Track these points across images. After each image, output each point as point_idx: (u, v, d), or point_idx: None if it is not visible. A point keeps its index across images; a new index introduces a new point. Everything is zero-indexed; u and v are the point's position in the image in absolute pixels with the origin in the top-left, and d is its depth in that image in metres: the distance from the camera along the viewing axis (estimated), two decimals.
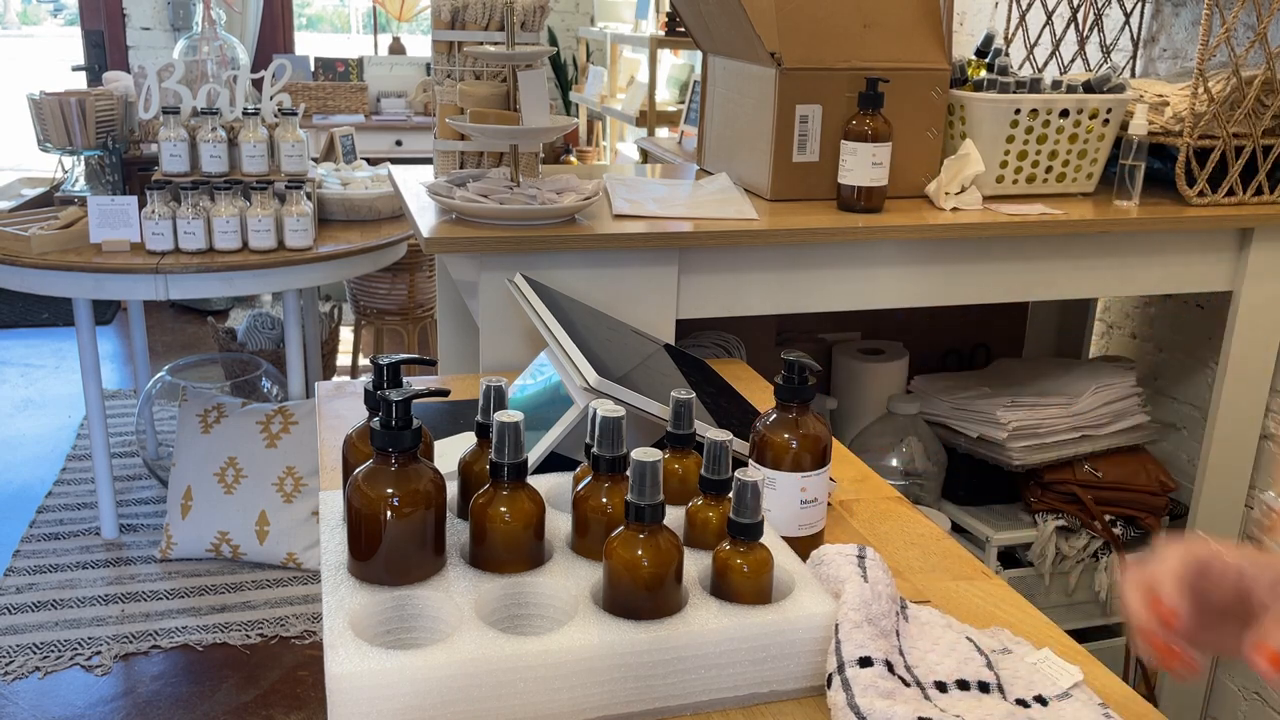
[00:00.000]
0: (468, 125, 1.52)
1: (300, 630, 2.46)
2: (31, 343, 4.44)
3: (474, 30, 1.70)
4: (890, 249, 1.62)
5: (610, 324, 1.33)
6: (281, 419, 2.69)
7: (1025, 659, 0.80)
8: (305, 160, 2.66)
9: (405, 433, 0.73)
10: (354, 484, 0.74)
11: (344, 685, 0.65)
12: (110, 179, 3.20)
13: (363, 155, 3.57)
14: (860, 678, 0.71)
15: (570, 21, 5.81)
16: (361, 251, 2.68)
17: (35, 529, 2.88)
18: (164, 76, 2.68)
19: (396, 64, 5.74)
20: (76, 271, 2.45)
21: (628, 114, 4.36)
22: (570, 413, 1.00)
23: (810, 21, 1.68)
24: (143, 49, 5.28)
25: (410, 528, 0.74)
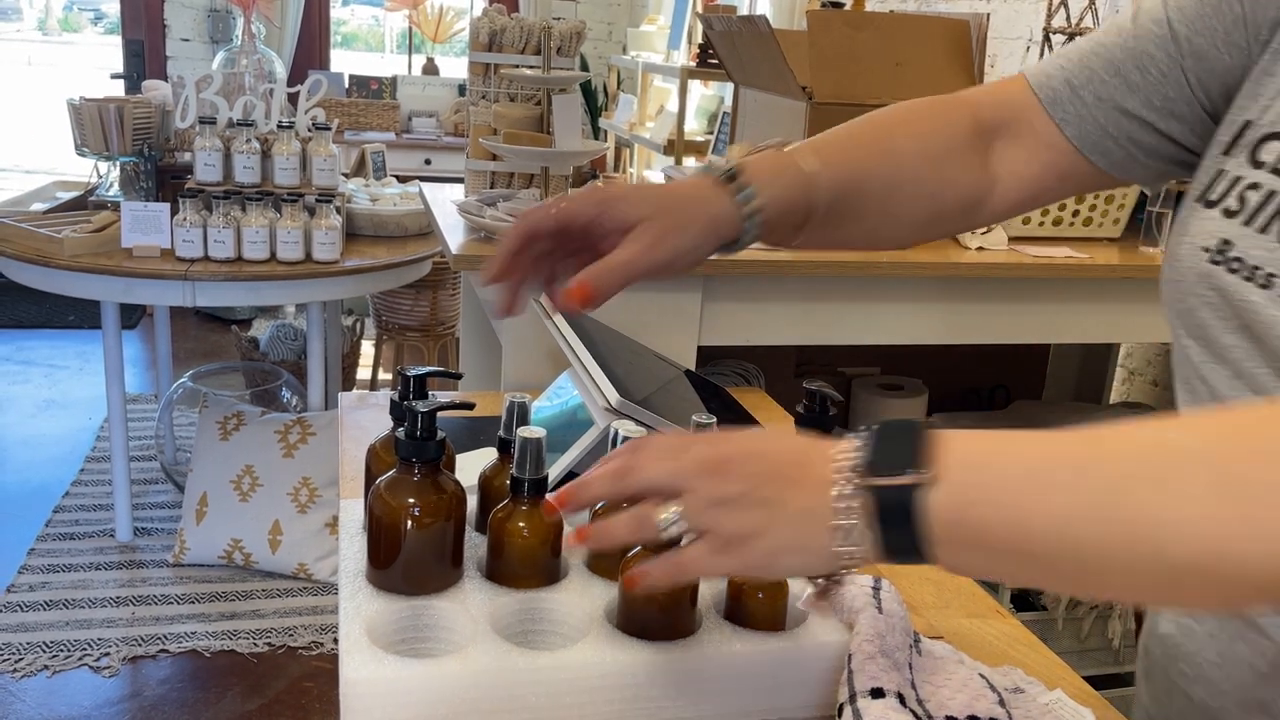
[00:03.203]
0: (501, 145, 1.54)
1: (308, 641, 2.47)
2: (57, 344, 4.49)
3: (510, 53, 1.72)
4: (914, 285, 1.62)
5: (633, 347, 1.34)
6: (300, 430, 2.71)
7: (1038, 699, 0.80)
8: (336, 175, 2.70)
9: (430, 444, 0.73)
10: (376, 492, 0.75)
11: (358, 691, 0.66)
12: (144, 185, 3.24)
13: (392, 172, 3.60)
14: (872, 709, 0.71)
15: (603, 49, 5.87)
16: (387, 267, 2.70)
17: (51, 528, 2.90)
18: (202, 87, 2.72)
19: (429, 84, 5.81)
20: (107, 275, 2.48)
21: (656, 142, 4.40)
22: (591, 432, 1.01)
23: (843, 58, 1.69)
24: (181, 60, 5.36)
25: (430, 538, 0.74)
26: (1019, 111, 0.82)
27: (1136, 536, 0.49)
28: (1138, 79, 0.77)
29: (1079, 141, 0.79)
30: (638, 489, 0.58)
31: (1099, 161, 0.80)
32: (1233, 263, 0.72)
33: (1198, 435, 0.52)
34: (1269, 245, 0.70)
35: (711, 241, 0.74)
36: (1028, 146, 0.82)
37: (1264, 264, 0.70)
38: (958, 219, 0.86)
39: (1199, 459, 0.50)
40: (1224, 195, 0.74)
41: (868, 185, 0.81)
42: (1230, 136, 0.76)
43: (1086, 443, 0.53)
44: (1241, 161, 0.74)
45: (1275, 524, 0.47)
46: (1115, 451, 0.52)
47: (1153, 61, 0.76)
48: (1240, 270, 0.71)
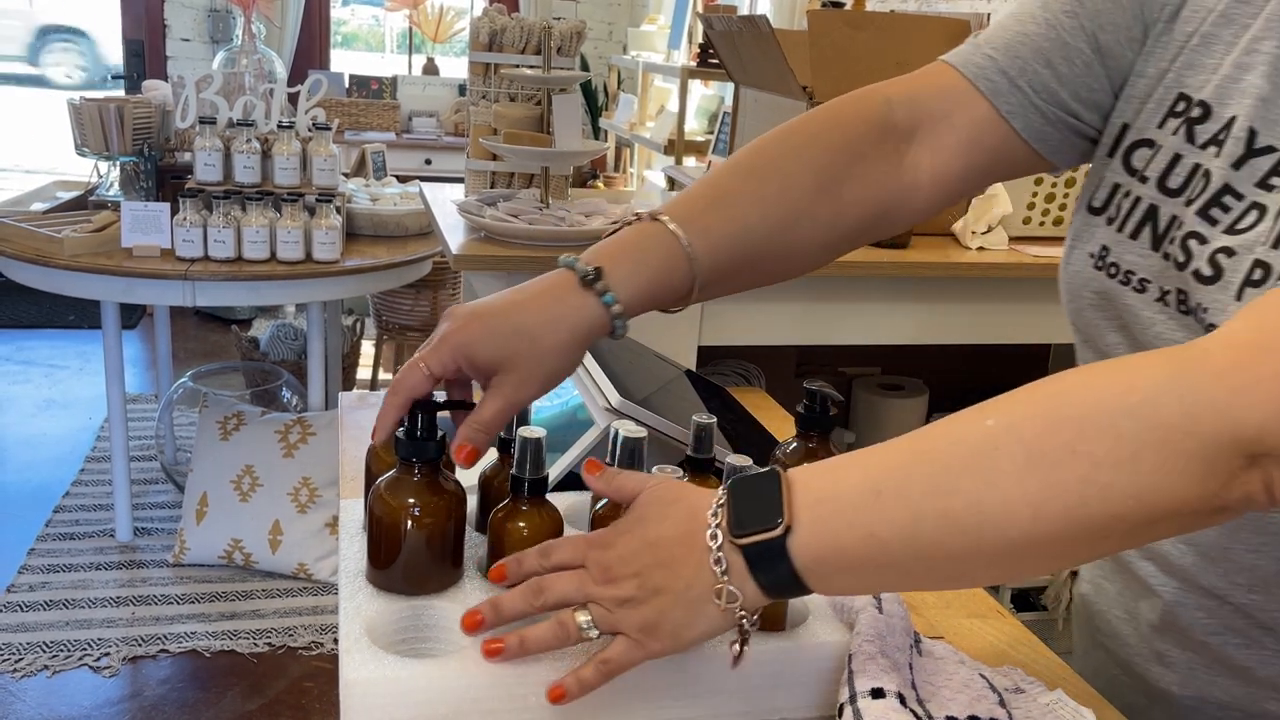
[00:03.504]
0: (501, 145, 1.54)
1: (308, 641, 2.47)
2: (57, 344, 4.49)
3: (510, 53, 1.72)
4: (914, 285, 1.62)
5: (633, 347, 1.34)
6: (300, 429, 2.71)
7: (1038, 699, 0.80)
8: (336, 175, 2.70)
9: (430, 444, 0.73)
10: (376, 493, 0.75)
11: (358, 691, 0.66)
12: (144, 185, 3.24)
13: (392, 172, 3.60)
14: (872, 709, 0.71)
15: (603, 49, 5.87)
16: (387, 267, 2.70)
17: (51, 528, 2.90)
18: (202, 87, 2.72)
19: (429, 84, 5.81)
20: (107, 275, 2.48)
21: (656, 142, 4.40)
22: (591, 432, 1.01)
23: (843, 58, 1.69)
24: (181, 60, 5.36)
25: (430, 538, 0.74)
26: (945, 105, 0.80)
27: (967, 524, 0.53)
28: (1066, 70, 0.77)
29: (1025, 132, 0.79)
30: (552, 603, 0.64)
31: (1040, 148, 0.80)
32: (1111, 268, 0.76)
33: (1005, 415, 0.55)
34: (1140, 251, 0.74)
35: (579, 353, 0.73)
36: (954, 144, 0.80)
37: (1136, 269, 0.74)
38: (863, 234, 0.84)
39: (1008, 438, 0.54)
40: (1106, 203, 0.77)
41: (752, 237, 0.78)
42: (1112, 139, 0.78)
43: (913, 444, 0.57)
44: (1118, 168, 0.77)
45: (1075, 481, 0.51)
46: (936, 447, 0.56)
47: (1078, 54, 0.77)
48: (1118, 275, 0.75)
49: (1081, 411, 0.53)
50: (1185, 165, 0.72)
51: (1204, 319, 0.69)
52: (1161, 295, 0.72)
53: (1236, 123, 0.70)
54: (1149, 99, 0.76)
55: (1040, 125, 0.79)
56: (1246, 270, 0.66)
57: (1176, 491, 0.51)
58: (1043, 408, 0.54)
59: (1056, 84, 0.78)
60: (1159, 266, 0.72)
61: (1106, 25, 0.76)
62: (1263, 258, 0.65)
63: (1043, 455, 0.52)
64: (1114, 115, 0.78)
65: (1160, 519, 0.52)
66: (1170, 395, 0.51)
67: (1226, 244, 0.68)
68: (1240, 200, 0.68)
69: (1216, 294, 0.68)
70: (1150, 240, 0.73)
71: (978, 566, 0.56)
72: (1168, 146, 0.73)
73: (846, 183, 0.79)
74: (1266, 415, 0.49)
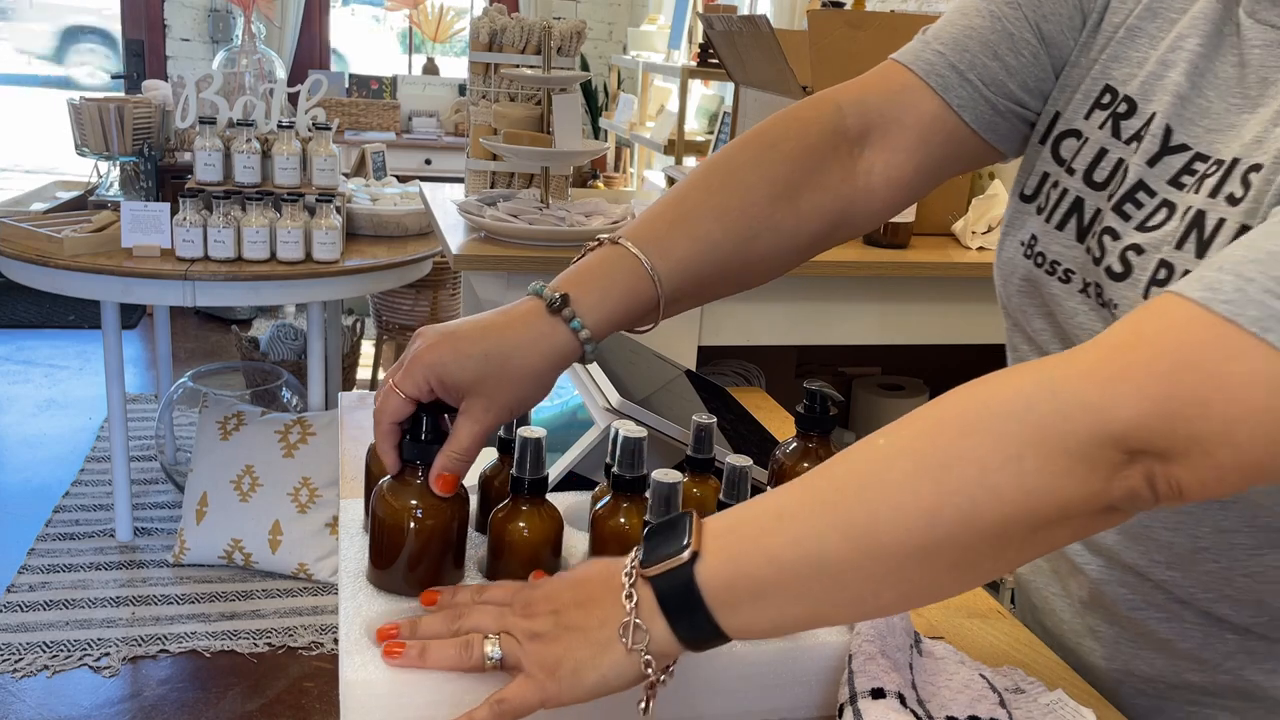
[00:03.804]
0: (501, 145, 1.54)
1: (308, 641, 2.47)
2: (57, 344, 4.49)
3: (511, 53, 1.72)
4: (914, 285, 1.62)
5: (632, 347, 1.34)
6: (300, 429, 2.71)
7: (1038, 700, 0.80)
8: (336, 175, 2.70)
9: (434, 446, 0.73)
10: (379, 494, 0.75)
11: (358, 692, 0.66)
12: (144, 185, 3.24)
13: (393, 172, 3.60)
14: (872, 709, 0.71)
15: (603, 49, 5.87)
16: (387, 267, 2.70)
17: (51, 528, 2.90)
18: (202, 87, 2.72)
19: (429, 84, 5.81)
20: (107, 275, 2.48)
21: (656, 142, 4.40)
22: (591, 432, 1.01)
23: (843, 57, 1.69)
24: (181, 59, 5.36)
25: (432, 539, 0.74)
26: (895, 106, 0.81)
27: (865, 535, 0.54)
28: (1013, 62, 0.79)
29: (977, 125, 0.80)
30: (467, 629, 0.65)
31: (990, 138, 0.81)
32: (1039, 258, 0.78)
33: (894, 433, 0.57)
34: (1065, 242, 0.75)
35: (550, 378, 0.74)
36: (905, 146, 0.81)
37: (1061, 259, 0.76)
38: (823, 241, 0.84)
39: (897, 451, 0.55)
40: (1037, 191, 0.79)
41: (716, 253, 0.78)
42: (1044, 126, 0.80)
43: (813, 474, 0.58)
44: (1047, 157, 0.78)
45: (965, 484, 0.52)
46: (834, 472, 0.57)
47: (1024, 44, 0.78)
48: (1044, 265, 0.77)
49: (965, 419, 0.54)
50: (1110, 160, 0.74)
51: (1115, 314, 0.70)
52: (1084, 287, 0.74)
53: (1155, 119, 0.71)
54: (1078, 89, 0.77)
55: (990, 116, 0.80)
56: (1153, 269, 0.67)
57: (1063, 490, 0.51)
58: (929, 422, 0.56)
59: (1005, 75, 0.79)
60: (1082, 259, 0.74)
61: (1049, 15, 0.78)
62: (1167, 258, 0.67)
63: (932, 462, 0.53)
64: (1049, 104, 0.80)
65: (1054, 520, 0.53)
66: (1044, 397, 0.52)
67: (1136, 241, 0.69)
68: (1153, 198, 0.70)
69: (1125, 291, 0.69)
70: (1076, 232, 0.75)
71: (884, 583, 0.56)
72: (1094, 139, 0.75)
73: (804, 192, 0.80)
74: (1135, 411, 0.50)
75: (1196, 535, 0.73)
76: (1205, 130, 0.69)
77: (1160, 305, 0.53)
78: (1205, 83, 0.70)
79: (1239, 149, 0.66)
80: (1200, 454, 0.50)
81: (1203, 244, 0.65)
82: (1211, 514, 0.72)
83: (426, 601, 0.70)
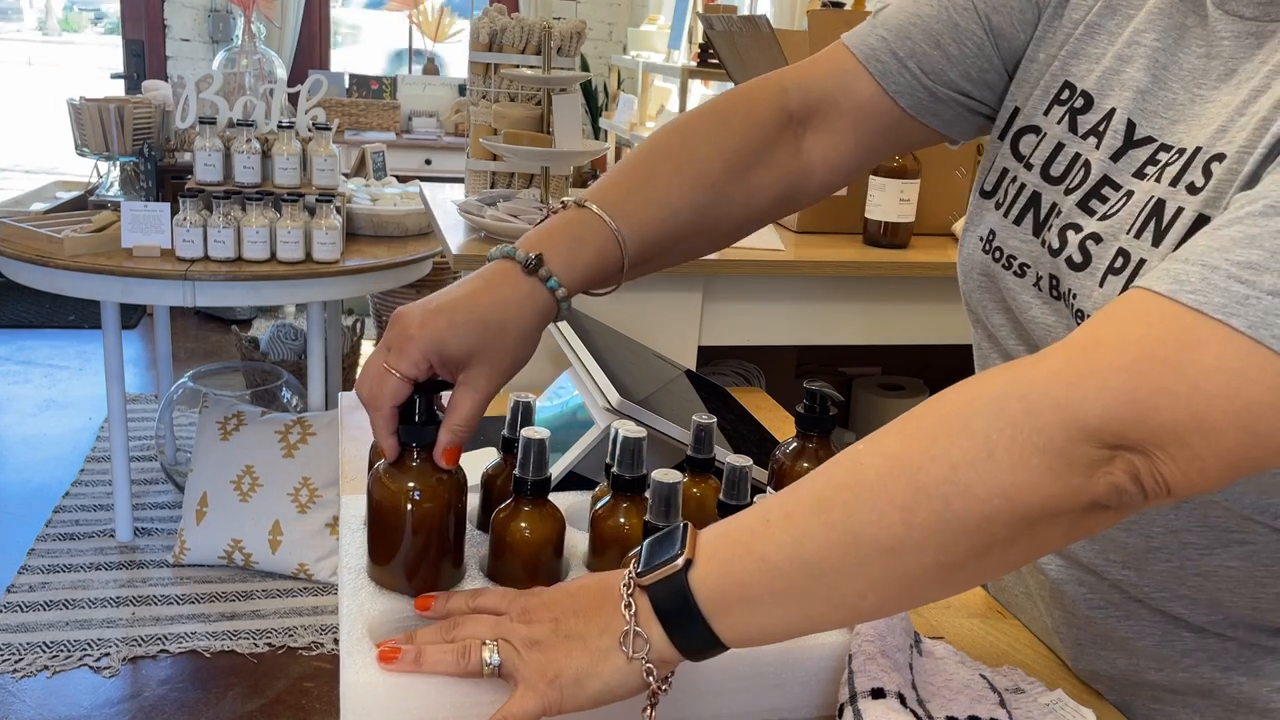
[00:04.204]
0: (501, 145, 1.54)
1: (308, 641, 2.47)
2: (57, 344, 4.49)
3: (511, 53, 1.72)
4: (914, 285, 1.62)
5: (633, 347, 1.34)
6: (300, 430, 2.71)
7: (1038, 700, 0.80)
8: (336, 175, 2.70)
9: (429, 428, 0.73)
10: (376, 476, 0.74)
11: (359, 693, 0.66)
12: (144, 185, 3.24)
13: (393, 172, 3.60)
14: (872, 709, 0.71)
15: (603, 49, 5.87)
16: (387, 267, 2.70)
17: (51, 528, 2.90)
18: (202, 87, 2.72)
19: (429, 84, 5.81)
20: (107, 275, 2.48)
21: None
22: (591, 432, 1.01)
23: None
24: (181, 60, 5.36)
25: (431, 522, 0.73)
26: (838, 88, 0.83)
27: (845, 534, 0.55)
28: (955, 51, 0.80)
29: (914, 110, 0.82)
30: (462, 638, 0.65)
31: (932, 123, 0.83)
32: (996, 252, 0.79)
33: (871, 440, 0.58)
34: (1022, 237, 0.76)
35: (537, 338, 0.76)
36: (843, 128, 0.84)
37: (1018, 254, 0.77)
38: (775, 213, 0.88)
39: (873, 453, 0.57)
40: (995, 187, 0.80)
41: (677, 220, 0.80)
42: (1004, 122, 0.81)
43: (797, 484, 0.59)
44: (1006, 152, 0.79)
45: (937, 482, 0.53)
46: (815, 480, 0.58)
47: (969, 35, 0.80)
48: (1001, 259, 0.78)
49: (936, 421, 0.55)
50: (1067, 154, 0.74)
51: (1073, 304, 0.71)
52: (1037, 280, 0.75)
53: (1116, 115, 0.72)
54: (1037, 85, 0.78)
55: (929, 103, 0.82)
56: (1110, 257, 0.68)
57: (1039, 487, 0.52)
58: (906, 425, 0.57)
59: (946, 64, 0.81)
60: (1037, 253, 0.75)
61: (999, 6, 0.79)
62: (1125, 245, 0.67)
63: (905, 462, 0.54)
64: (1006, 98, 0.81)
65: (1037, 518, 0.53)
66: (1012, 396, 0.53)
67: (1096, 230, 0.70)
68: (1117, 190, 0.70)
69: (1084, 280, 0.69)
70: (1032, 227, 0.76)
71: (868, 584, 0.56)
72: (1052, 134, 0.76)
73: (754, 168, 0.83)
74: (1105, 405, 0.51)
75: (1149, 535, 0.74)
76: (1169, 121, 0.69)
77: (1127, 300, 0.54)
78: (1169, 75, 0.70)
79: (1203, 138, 0.66)
80: (1176, 444, 0.50)
81: (1159, 232, 0.65)
82: (1164, 514, 0.73)
83: (421, 607, 0.70)
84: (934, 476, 0.53)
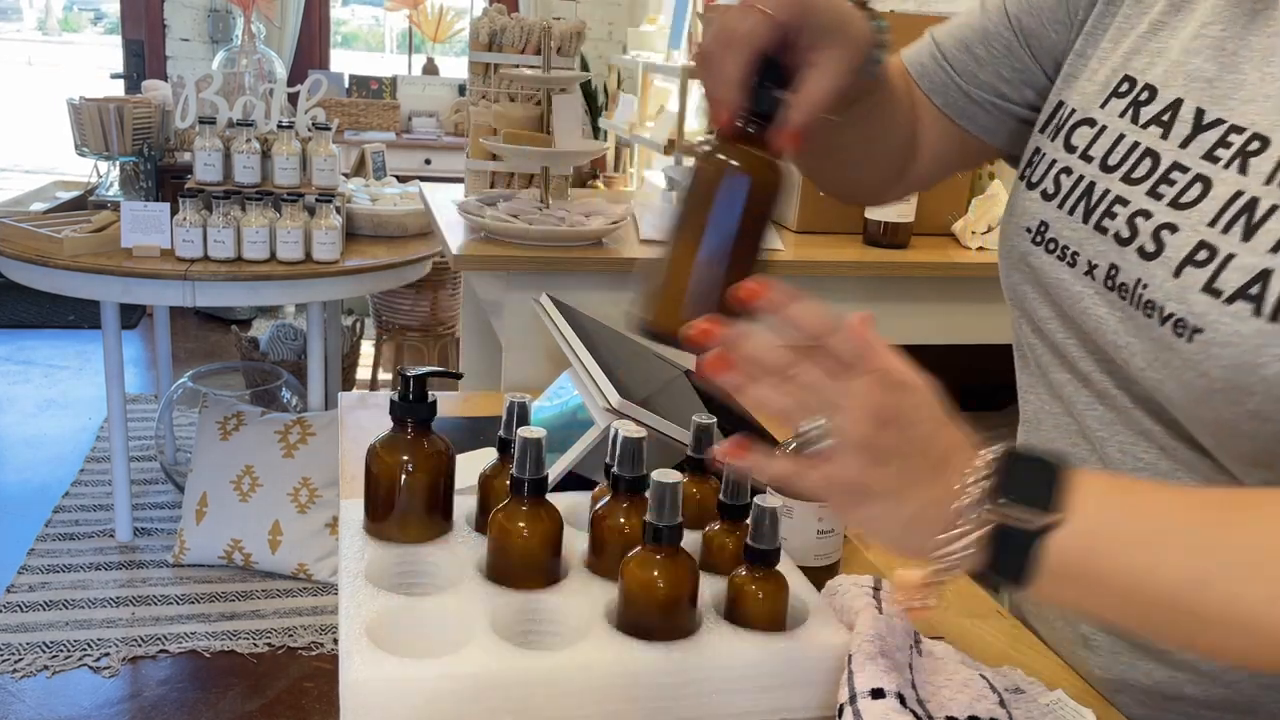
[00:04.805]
0: (501, 145, 1.54)
1: (308, 641, 2.47)
2: (56, 344, 4.49)
3: (510, 53, 1.72)
4: (914, 285, 1.62)
5: (633, 347, 1.34)
6: (300, 430, 2.71)
7: (1038, 699, 0.80)
8: (336, 175, 2.70)
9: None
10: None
11: (358, 692, 0.66)
12: (144, 185, 3.24)
13: (393, 172, 3.60)
14: (872, 709, 0.71)
15: (603, 49, 5.86)
16: (387, 267, 2.70)
17: (51, 528, 2.90)
18: (202, 87, 2.72)
19: (429, 84, 5.81)
20: (106, 275, 2.48)
21: (656, 142, 4.39)
22: (591, 432, 1.01)
23: None
24: (181, 60, 5.36)
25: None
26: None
27: (1232, 619, 0.53)
28: (983, 53, 0.84)
29: (949, 109, 0.86)
30: (803, 385, 0.56)
31: (970, 127, 0.86)
32: (1050, 244, 0.78)
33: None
34: (1075, 227, 0.76)
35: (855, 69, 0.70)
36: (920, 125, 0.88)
37: (1071, 244, 0.76)
38: (896, 186, 0.92)
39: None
40: (1043, 178, 0.80)
41: (880, 112, 0.84)
42: (1047, 115, 0.82)
43: (1219, 500, 0.57)
44: (1057, 145, 0.79)
45: None
46: (1241, 537, 0.55)
47: (997, 38, 0.84)
48: (1055, 250, 0.77)
49: None
50: (1126, 144, 0.74)
51: (1140, 295, 0.70)
52: (1090, 269, 0.74)
53: (1184, 105, 0.71)
54: (1093, 79, 0.78)
55: (964, 104, 0.86)
56: (1190, 249, 0.67)
57: None
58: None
59: (975, 66, 0.85)
60: (1094, 241, 0.74)
61: (1030, 9, 0.82)
62: (1207, 239, 0.66)
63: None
64: (1051, 93, 0.82)
65: None
66: None
67: (1170, 219, 0.69)
68: (1185, 173, 0.70)
69: (1155, 269, 0.69)
70: (1084, 215, 0.75)
71: (1226, 649, 0.55)
72: (1113, 127, 0.75)
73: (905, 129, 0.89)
74: None
75: None
76: (1240, 102, 0.69)
77: None
78: (1239, 59, 0.70)
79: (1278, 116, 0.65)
80: None
81: (1250, 228, 0.64)
82: None
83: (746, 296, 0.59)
84: None
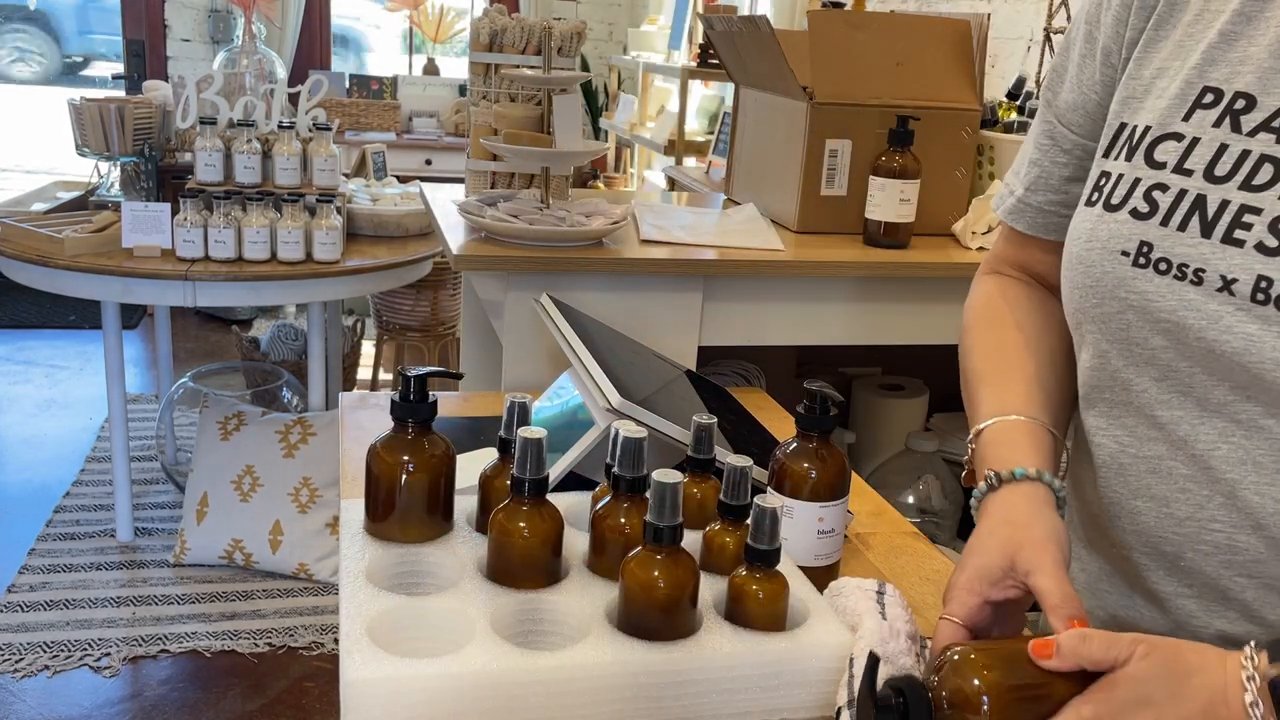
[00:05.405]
0: (501, 145, 1.54)
1: (309, 641, 2.47)
2: (57, 344, 4.49)
3: (511, 53, 1.72)
4: (914, 285, 1.62)
5: (633, 347, 1.34)
6: (300, 430, 2.71)
7: None
8: (337, 175, 2.70)
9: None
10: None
11: (359, 692, 0.66)
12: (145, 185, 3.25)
13: (393, 172, 3.60)
14: None
15: (603, 49, 5.87)
16: (388, 267, 2.70)
17: (51, 528, 2.90)
18: (202, 87, 2.72)
19: (430, 84, 5.81)
20: (107, 275, 2.48)
21: (656, 142, 4.39)
22: (591, 432, 1.01)
23: (843, 58, 1.69)
24: (182, 60, 5.36)
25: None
26: (1017, 258, 0.95)
27: None
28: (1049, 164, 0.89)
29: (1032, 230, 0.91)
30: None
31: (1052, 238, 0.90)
32: (1159, 264, 0.74)
33: None
34: (1193, 242, 0.72)
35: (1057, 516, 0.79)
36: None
37: (1192, 260, 0.72)
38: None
39: None
40: (1127, 197, 0.76)
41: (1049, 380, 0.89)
42: (1109, 139, 0.80)
43: None
44: (1136, 163, 0.77)
45: None
46: None
47: (1063, 138, 0.88)
48: (1169, 271, 0.73)
49: None
50: (1234, 153, 0.72)
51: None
52: (1225, 285, 0.70)
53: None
54: (1163, 96, 0.76)
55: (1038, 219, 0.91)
56: None
57: None
58: None
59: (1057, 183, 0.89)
60: (1225, 255, 0.70)
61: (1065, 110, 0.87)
62: None
63: None
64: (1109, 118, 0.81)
65: None
66: None
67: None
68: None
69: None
70: (1201, 229, 0.72)
71: None
72: (1208, 138, 0.73)
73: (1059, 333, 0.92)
74: None
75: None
76: None
77: None
78: None
79: None
80: None
81: None
82: None
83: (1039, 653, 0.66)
84: None
